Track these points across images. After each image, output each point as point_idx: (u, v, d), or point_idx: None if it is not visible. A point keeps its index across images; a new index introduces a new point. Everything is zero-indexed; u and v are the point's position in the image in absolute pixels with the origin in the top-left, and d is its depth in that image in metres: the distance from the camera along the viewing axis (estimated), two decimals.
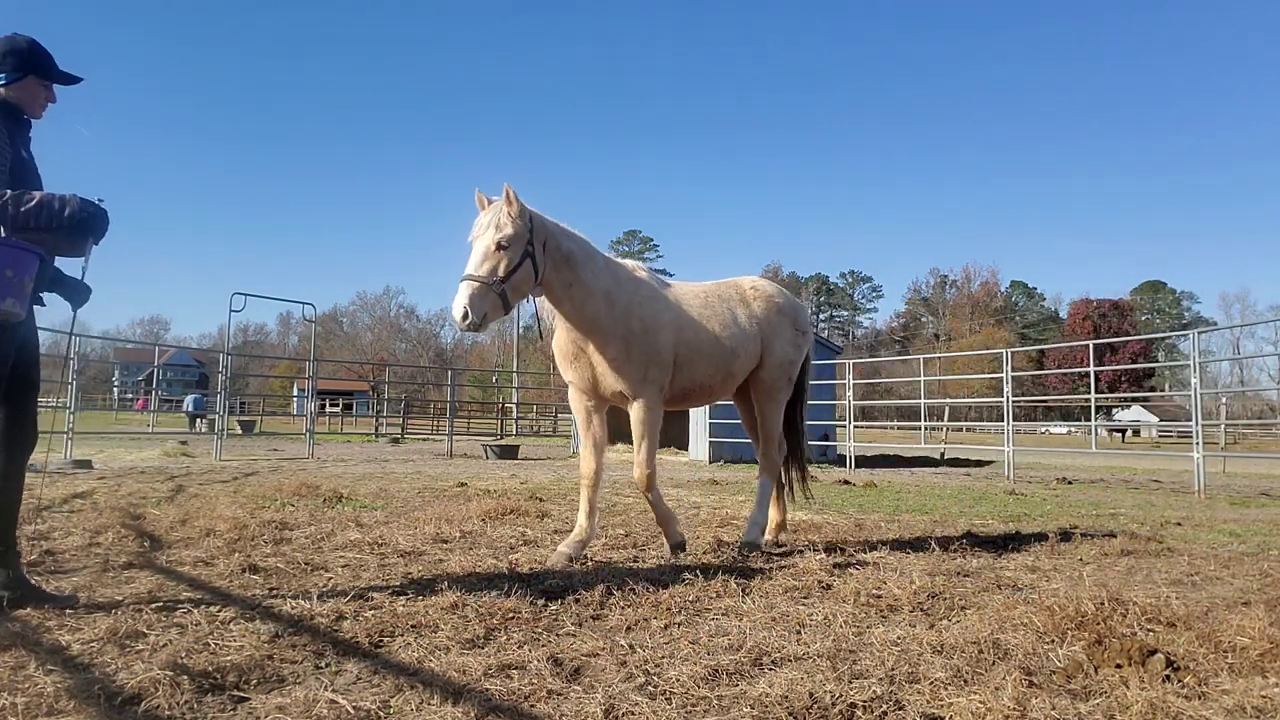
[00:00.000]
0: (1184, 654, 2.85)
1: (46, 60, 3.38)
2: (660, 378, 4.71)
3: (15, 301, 3.03)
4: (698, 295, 5.15)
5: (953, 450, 21.09)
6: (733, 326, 5.15)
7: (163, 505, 6.71)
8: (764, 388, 5.41)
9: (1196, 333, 12.81)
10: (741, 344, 5.17)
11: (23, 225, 3.07)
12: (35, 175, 3.37)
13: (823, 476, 12.37)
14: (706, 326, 5.00)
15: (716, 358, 5.03)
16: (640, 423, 4.66)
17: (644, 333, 4.61)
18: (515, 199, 4.20)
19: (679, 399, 5.07)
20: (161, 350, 42.74)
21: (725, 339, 5.06)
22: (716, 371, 5.06)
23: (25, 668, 2.60)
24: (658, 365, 4.67)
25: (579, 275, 4.44)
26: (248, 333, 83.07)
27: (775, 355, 5.39)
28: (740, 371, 5.25)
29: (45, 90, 3.41)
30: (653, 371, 4.65)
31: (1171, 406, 60.31)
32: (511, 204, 4.19)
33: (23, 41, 3.33)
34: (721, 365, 5.07)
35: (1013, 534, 6.08)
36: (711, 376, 5.06)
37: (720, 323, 5.10)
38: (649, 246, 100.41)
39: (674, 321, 4.82)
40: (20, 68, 3.30)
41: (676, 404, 5.13)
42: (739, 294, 5.41)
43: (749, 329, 5.26)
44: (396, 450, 18.31)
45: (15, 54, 3.29)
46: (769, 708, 2.37)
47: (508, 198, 4.20)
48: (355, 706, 2.33)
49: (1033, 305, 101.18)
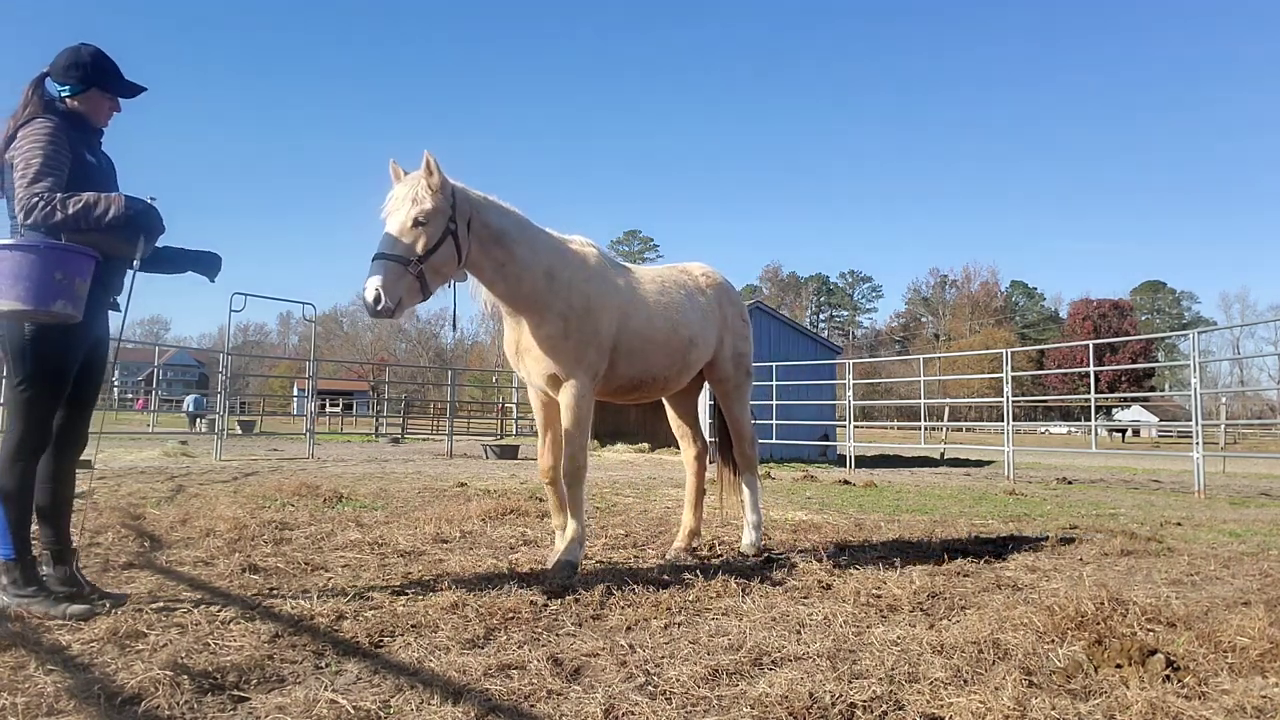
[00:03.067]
0: (1184, 654, 2.85)
1: (111, 72, 3.45)
2: (598, 363, 4.33)
3: (66, 303, 3.05)
4: (653, 280, 4.79)
5: (953, 450, 21.09)
6: (689, 314, 4.82)
7: (163, 505, 6.70)
8: (724, 383, 5.18)
9: (1196, 333, 12.81)
10: (699, 333, 4.86)
11: (73, 227, 3.13)
12: (104, 178, 3.44)
13: (823, 476, 12.37)
14: (662, 313, 4.64)
15: (673, 348, 4.69)
16: (571, 408, 4.24)
17: (585, 311, 4.24)
18: (436, 169, 3.78)
19: (630, 390, 4.70)
20: (161, 350, 42.70)
21: (682, 327, 4.73)
22: (673, 362, 4.73)
23: (25, 668, 2.60)
24: (596, 348, 4.29)
25: (514, 253, 4.08)
26: (248, 333, 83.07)
27: (729, 347, 5.13)
28: (697, 362, 4.93)
29: (109, 101, 3.49)
30: (590, 354, 4.26)
31: (1171, 406, 60.29)
32: (432, 174, 3.77)
33: (87, 54, 3.39)
34: (678, 355, 4.74)
35: (1013, 534, 6.08)
36: (667, 367, 4.71)
37: (677, 309, 4.75)
38: (649, 246, 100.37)
39: (621, 305, 4.45)
40: (84, 80, 3.37)
41: (626, 395, 4.78)
42: (692, 280, 5.08)
43: (705, 317, 4.95)
44: (396, 450, 18.31)
45: (79, 66, 3.36)
46: (769, 708, 2.37)
47: (427, 167, 3.77)
48: (355, 706, 2.33)
49: (1033, 305, 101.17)
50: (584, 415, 4.29)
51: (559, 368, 4.23)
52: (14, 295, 2.98)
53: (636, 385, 4.68)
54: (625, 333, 4.45)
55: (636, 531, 5.82)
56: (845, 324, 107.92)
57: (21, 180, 3.12)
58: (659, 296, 4.70)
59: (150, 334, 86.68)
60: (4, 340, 3.25)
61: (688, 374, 4.94)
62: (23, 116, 3.25)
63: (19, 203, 3.12)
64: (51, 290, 3.00)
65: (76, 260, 3.09)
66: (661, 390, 4.93)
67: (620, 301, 4.46)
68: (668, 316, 4.68)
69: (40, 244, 3.05)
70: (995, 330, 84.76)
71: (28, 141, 3.17)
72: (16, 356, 3.22)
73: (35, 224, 3.11)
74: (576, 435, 4.29)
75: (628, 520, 6.48)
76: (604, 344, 4.34)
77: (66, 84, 3.37)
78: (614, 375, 4.50)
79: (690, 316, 4.82)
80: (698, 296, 4.98)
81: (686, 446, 5.41)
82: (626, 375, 4.56)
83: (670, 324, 4.67)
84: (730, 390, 5.22)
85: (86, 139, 3.41)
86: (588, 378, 4.29)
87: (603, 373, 4.42)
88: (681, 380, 4.94)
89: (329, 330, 69.32)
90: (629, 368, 4.53)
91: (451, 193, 3.85)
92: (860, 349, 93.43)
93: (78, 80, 3.36)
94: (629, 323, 4.47)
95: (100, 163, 3.47)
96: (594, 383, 4.35)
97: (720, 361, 5.13)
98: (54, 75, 3.38)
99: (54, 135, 3.21)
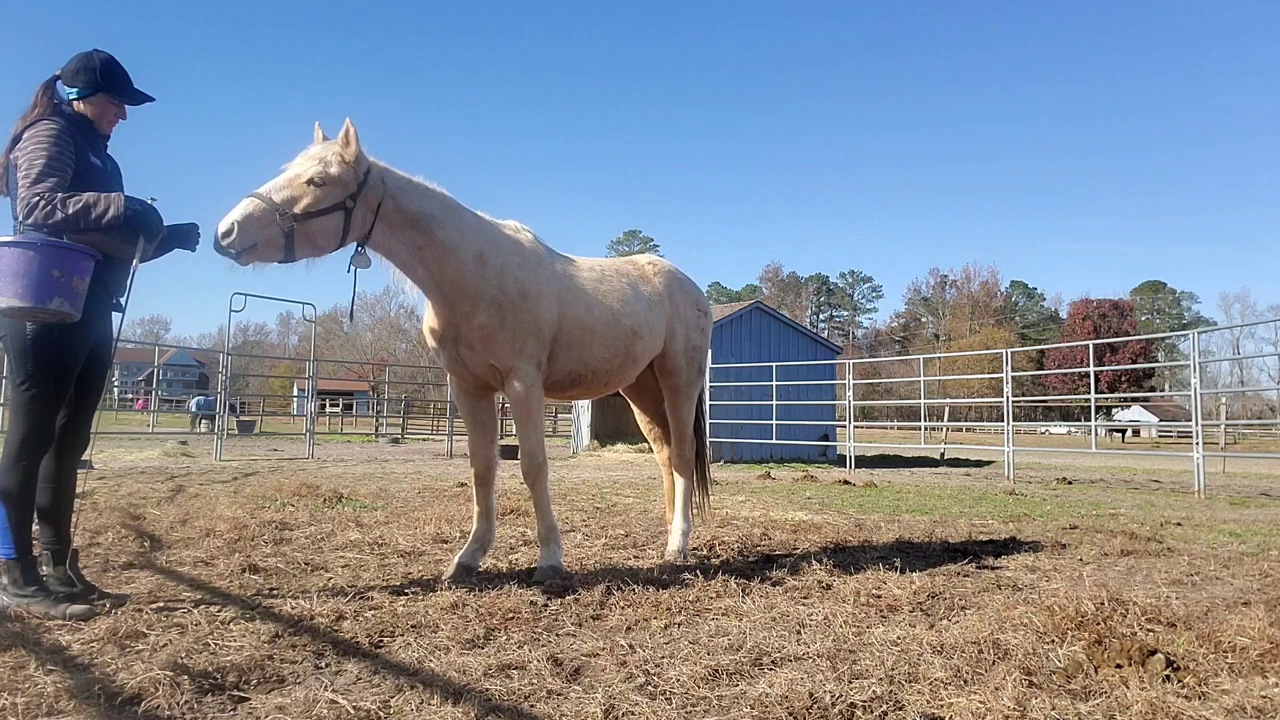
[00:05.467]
0: (1184, 654, 2.85)
1: (120, 79, 3.50)
2: (538, 353, 4.11)
3: (64, 301, 3.06)
4: (592, 269, 4.57)
5: (953, 450, 21.08)
6: (633, 303, 4.57)
7: (163, 505, 6.70)
8: (673, 379, 4.91)
9: (1196, 333, 12.80)
10: (644, 324, 4.61)
11: (73, 226, 3.16)
12: (109, 181, 3.46)
13: (823, 476, 12.37)
14: (602, 302, 4.41)
15: (614, 338, 4.44)
16: (521, 402, 4.06)
17: (521, 298, 4.01)
18: (354, 140, 3.60)
19: (569, 385, 4.45)
20: (161, 350, 42.58)
21: (624, 317, 4.49)
22: (614, 354, 4.47)
23: (25, 668, 2.60)
24: (536, 338, 4.07)
25: (435, 236, 3.86)
26: (248, 333, 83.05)
27: (680, 339, 4.88)
28: (643, 355, 4.67)
29: (115, 108, 3.53)
30: (530, 344, 4.05)
31: (1171, 406, 60.35)
32: (348, 145, 3.59)
33: (98, 60, 3.44)
34: (620, 347, 4.48)
35: (1013, 534, 6.08)
36: (608, 360, 4.46)
37: (619, 298, 4.50)
38: (649, 246, 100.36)
39: (559, 293, 4.22)
40: (92, 84, 3.42)
41: (565, 391, 4.54)
42: (637, 270, 4.86)
43: (652, 308, 4.71)
44: (396, 450, 18.31)
45: (89, 71, 3.41)
46: (769, 708, 2.37)
47: (344, 137, 3.61)
48: (355, 706, 2.33)
49: (1033, 305, 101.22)
50: (535, 408, 4.12)
51: (499, 360, 4.01)
52: (12, 292, 2.98)
53: (575, 379, 4.43)
54: (563, 320, 4.23)
55: (636, 531, 5.82)
56: (845, 324, 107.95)
57: (25, 180, 3.15)
58: (598, 285, 4.47)
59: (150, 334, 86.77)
60: (6, 340, 3.26)
61: (632, 367, 4.67)
62: (30, 118, 3.30)
63: (21, 202, 3.15)
64: (49, 288, 3.01)
65: (75, 258, 3.09)
66: (604, 385, 4.67)
67: (558, 289, 4.23)
68: (607, 305, 4.44)
69: (38, 241, 3.06)
70: (995, 330, 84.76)
71: (32, 143, 3.21)
72: (19, 356, 3.22)
73: (36, 223, 3.13)
74: (531, 430, 4.12)
75: (628, 520, 6.48)
76: (544, 333, 4.12)
77: (75, 87, 3.41)
78: (552, 368, 4.28)
79: (634, 306, 4.58)
80: (642, 285, 4.75)
81: (660, 448, 5.31)
82: (565, 368, 4.33)
83: (610, 313, 4.44)
84: (680, 386, 4.95)
85: (92, 142, 3.43)
86: (531, 367, 4.08)
87: (549, 366, 4.23)
88: (626, 375, 4.70)
89: (329, 330, 69.24)
90: (567, 360, 4.30)
91: (365, 171, 3.66)
92: (860, 349, 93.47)
93: (86, 84, 3.41)
94: (567, 310, 4.25)
95: (105, 165, 3.50)
96: (539, 372, 4.14)
97: (671, 354, 4.87)
98: (64, 78, 3.43)
99: (58, 137, 3.23)
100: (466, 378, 4.23)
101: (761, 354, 18.74)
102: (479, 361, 4.05)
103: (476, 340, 4.00)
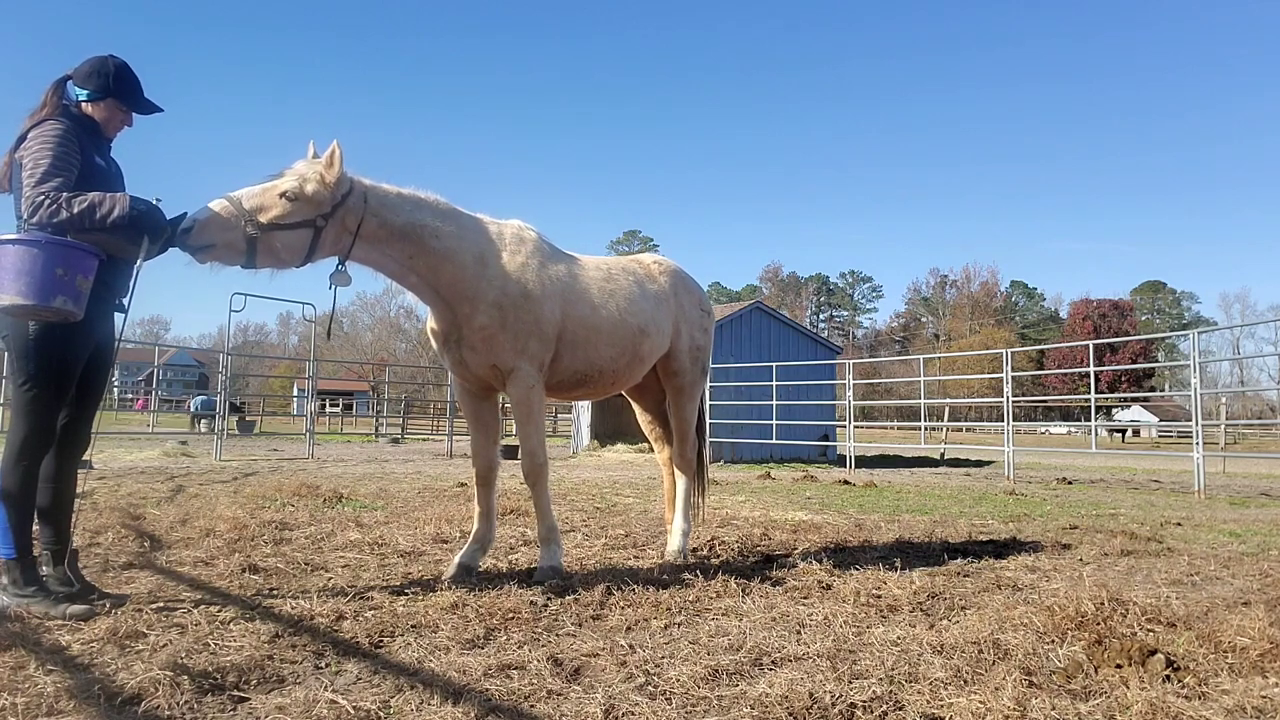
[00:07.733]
0: (1184, 654, 2.86)
1: (131, 87, 3.52)
2: (541, 353, 4.09)
3: (67, 300, 3.06)
4: (598, 268, 4.54)
5: (953, 450, 21.08)
6: (640, 302, 4.55)
7: (163, 505, 6.70)
8: (677, 379, 4.90)
9: (1196, 333, 12.80)
10: (651, 323, 4.58)
11: (77, 226, 3.16)
12: (113, 182, 3.48)
13: (823, 476, 12.37)
14: (608, 301, 4.38)
15: (620, 338, 4.40)
16: (523, 403, 4.04)
17: (524, 298, 3.99)
18: (337, 163, 3.58)
19: (575, 385, 4.43)
20: (161, 350, 42.55)
21: (631, 316, 4.46)
22: (621, 354, 4.44)
23: (25, 668, 2.60)
24: (539, 338, 4.05)
25: (426, 245, 3.85)
26: (248, 333, 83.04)
27: (685, 339, 4.87)
28: (650, 354, 4.65)
29: (123, 114, 3.56)
30: (533, 345, 4.03)
31: (1171, 406, 60.30)
32: (330, 167, 3.58)
33: (112, 65, 3.46)
34: (627, 346, 4.45)
35: (1013, 534, 6.08)
36: (615, 359, 4.42)
37: (625, 297, 4.48)
38: (649, 246, 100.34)
39: (563, 293, 4.19)
40: (104, 89, 3.44)
41: (571, 391, 4.53)
42: (643, 269, 4.84)
43: (659, 307, 4.68)
44: (396, 450, 18.31)
45: (101, 75, 3.43)
46: (769, 708, 2.37)
47: (329, 159, 3.59)
48: (355, 706, 2.33)
49: (1033, 305, 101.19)
50: (536, 408, 4.11)
51: (500, 360, 4.01)
52: (15, 290, 2.98)
53: (582, 379, 4.40)
54: (568, 320, 4.20)
55: (636, 531, 5.82)
56: (845, 324, 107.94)
57: (30, 179, 3.16)
58: (604, 284, 4.44)
59: (150, 334, 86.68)
60: (8, 339, 3.26)
61: (639, 367, 4.64)
62: (38, 117, 3.31)
63: (26, 201, 3.16)
64: (53, 286, 3.01)
65: (79, 256, 3.09)
66: (610, 385, 4.64)
67: (562, 289, 4.20)
68: (615, 304, 4.41)
69: (41, 239, 3.06)
70: (995, 330, 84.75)
71: (38, 142, 3.22)
72: (20, 356, 3.23)
73: (40, 222, 3.14)
74: (532, 431, 4.11)
75: (628, 520, 6.48)
76: (547, 333, 4.10)
77: (86, 89, 3.43)
78: (557, 368, 4.25)
79: (641, 305, 4.55)
80: (648, 284, 4.72)
81: (661, 448, 5.31)
82: (571, 368, 4.30)
83: (617, 312, 4.41)
84: (684, 386, 4.94)
85: (96, 143, 3.45)
86: (533, 368, 4.07)
87: (548, 364, 4.21)
88: (633, 374, 4.67)
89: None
90: (573, 360, 4.28)
91: (345, 194, 3.64)
92: (860, 349, 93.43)
93: (97, 88, 3.43)
94: (571, 310, 4.22)
95: (109, 167, 3.51)
96: (541, 373, 4.13)
97: (676, 354, 4.86)
98: (76, 80, 3.44)
99: (64, 137, 3.24)
100: (469, 379, 4.22)
101: (761, 354, 18.73)
102: (481, 362, 4.05)
103: (478, 341, 3.99)
